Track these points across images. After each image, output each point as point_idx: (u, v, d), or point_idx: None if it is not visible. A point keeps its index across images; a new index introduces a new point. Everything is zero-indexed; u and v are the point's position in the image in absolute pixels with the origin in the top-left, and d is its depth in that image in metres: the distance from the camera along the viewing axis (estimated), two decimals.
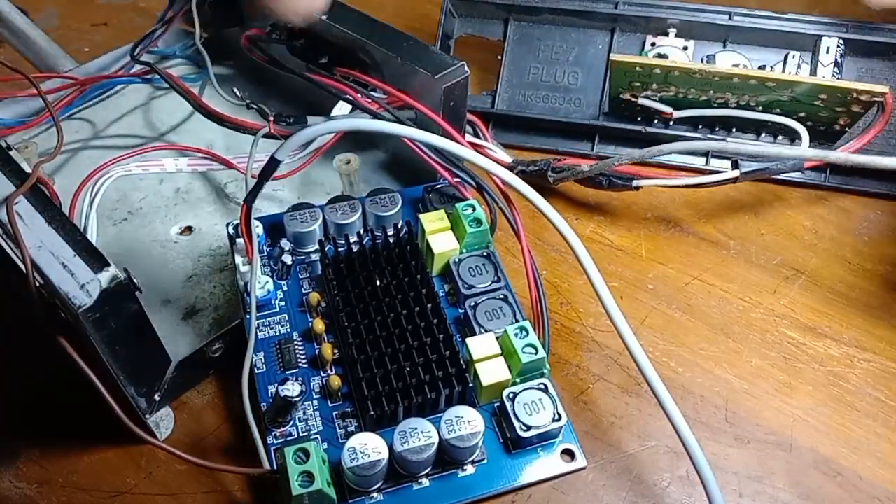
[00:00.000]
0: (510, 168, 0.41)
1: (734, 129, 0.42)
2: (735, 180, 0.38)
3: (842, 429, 0.33)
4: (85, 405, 0.29)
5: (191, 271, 0.37)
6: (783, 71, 0.41)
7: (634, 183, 0.39)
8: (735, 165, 0.38)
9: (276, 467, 0.28)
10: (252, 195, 0.31)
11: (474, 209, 0.33)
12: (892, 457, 0.32)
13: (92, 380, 0.27)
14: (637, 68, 0.39)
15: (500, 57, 0.45)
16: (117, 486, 0.31)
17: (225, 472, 0.30)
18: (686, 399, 0.34)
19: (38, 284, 0.26)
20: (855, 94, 0.37)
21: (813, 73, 0.41)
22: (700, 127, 0.43)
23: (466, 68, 0.34)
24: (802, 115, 0.40)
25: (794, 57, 0.41)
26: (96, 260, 0.26)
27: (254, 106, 0.37)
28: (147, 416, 0.31)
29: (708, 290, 0.38)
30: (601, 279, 0.30)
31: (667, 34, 0.43)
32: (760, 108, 0.40)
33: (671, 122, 0.42)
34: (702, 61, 0.43)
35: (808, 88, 0.38)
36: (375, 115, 0.36)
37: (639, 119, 0.43)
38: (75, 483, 0.31)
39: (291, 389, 0.28)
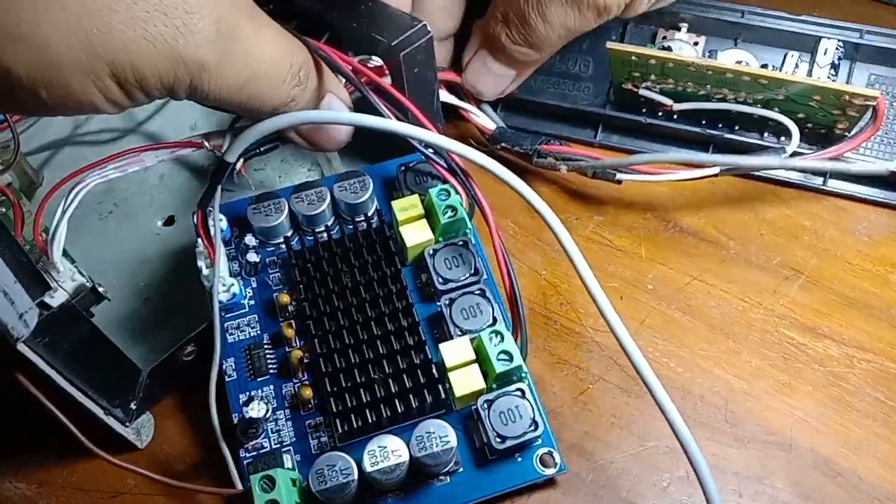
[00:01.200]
0: (493, 141, 0.41)
1: (736, 126, 0.42)
2: (715, 175, 0.39)
3: (842, 429, 0.33)
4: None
5: (170, 267, 0.36)
6: (780, 70, 0.41)
7: (617, 176, 0.39)
8: (721, 173, 0.39)
9: (247, 485, 0.27)
10: (206, 198, 0.29)
11: (448, 195, 0.31)
12: (892, 457, 0.32)
13: (54, 413, 0.27)
14: (633, 58, 0.40)
15: None
16: (116, 486, 0.31)
17: (197, 491, 0.30)
18: (686, 399, 0.34)
19: None
20: (847, 97, 0.37)
21: (809, 73, 0.41)
22: (704, 122, 0.42)
23: (429, 28, 0.31)
24: (801, 116, 0.40)
25: (792, 56, 0.41)
26: (38, 285, 0.25)
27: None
28: (126, 424, 0.30)
29: (708, 291, 0.38)
30: (591, 274, 0.29)
31: (679, 29, 0.43)
32: (759, 106, 0.40)
33: (675, 116, 0.42)
34: (705, 56, 0.43)
35: (801, 88, 0.38)
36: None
37: (643, 110, 0.43)
38: (75, 483, 0.31)
39: (257, 410, 0.28)
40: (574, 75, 0.45)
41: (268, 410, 0.28)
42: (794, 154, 0.39)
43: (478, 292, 0.30)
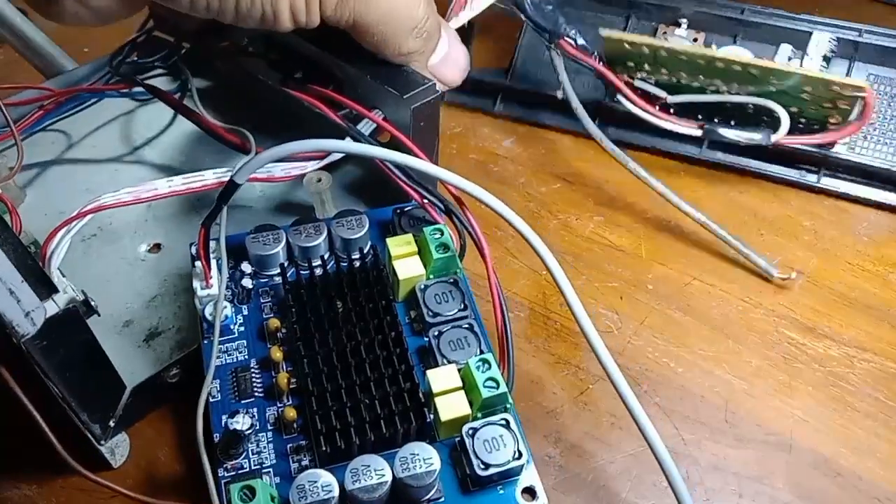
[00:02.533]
0: (517, 5, 0.41)
1: (732, 122, 0.42)
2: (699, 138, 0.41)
3: (842, 429, 0.33)
4: None
5: (156, 291, 0.36)
6: (773, 61, 0.41)
7: (618, 97, 0.41)
8: (703, 135, 0.41)
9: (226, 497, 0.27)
10: (210, 218, 0.30)
11: (442, 234, 0.32)
12: (892, 457, 0.32)
13: (34, 417, 0.27)
14: (626, 45, 0.40)
15: (518, 35, 0.46)
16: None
17: None
18: (686, 399, 0.34)
19: None
20: (837, 88, 0.37)
21: (800, 65, 0.41)
22: (699, 116, 0.43)
23: (438, 88, 0.34)
24: (794, 110, 0.40)
25: (784, 49, 0.41)
26: (44, 286, 0.25)
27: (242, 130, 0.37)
28: (102, 443, 0.30)
29: (708, 291, 0.38)
30: (556, 263, 0.29)
31: (679, 24, 0.43)
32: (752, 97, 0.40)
33: (671, 110, 0.42)
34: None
35: (792, 79, 0.38)
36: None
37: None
38: (74, 483, 0.31)
39: (241, 423, 0.27)
40: (575, 68, 0.45)
41: (252, 425, 0.28)
42: None
43: (466, 326, 0.31)
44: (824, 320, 0.37)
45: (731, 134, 0.40)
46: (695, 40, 0.43)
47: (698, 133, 0.40)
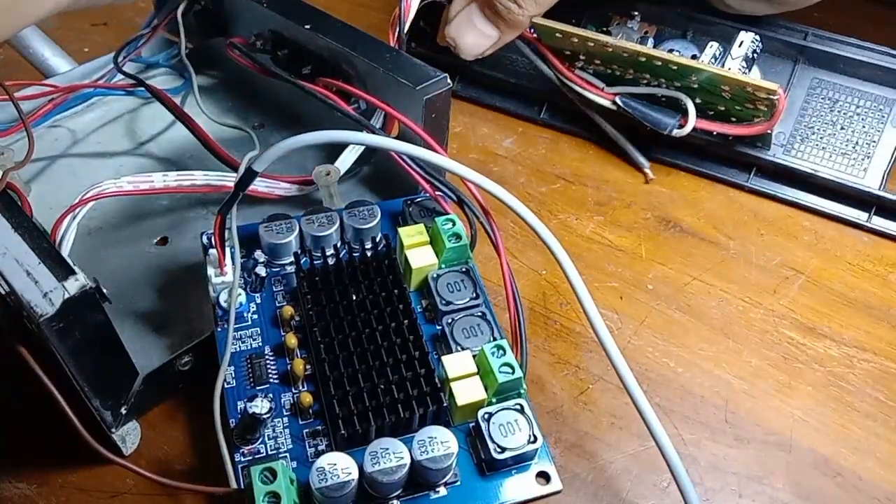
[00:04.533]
0: None
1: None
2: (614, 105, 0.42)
3: (842, 429, 0.33)
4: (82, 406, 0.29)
5: (165, 282, 0.36)
6: (699, 59, 0.41)
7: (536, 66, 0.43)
8: (618, 108, 0.42)
9: (243, 486, 0.27)
10: (227, 205, 0.30)
11: (454, 224, 0.32)
12: (892, 457, 0.32)
13: (53, 393, 0.27)
14: (557, 34, 0.40)
15: None
16: (116, 486, 0.31)
17: (188, 491, 0.30)
18: (686, 399, 0.34)
19: (2, 292, 0.25)
20: (751, 89, 0.37)
21: (721, 64, 0.40)
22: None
23: (449, 80, 0.34)
24: (722, 108, 0.40)
25: (711, 47, 0.41)
26: (61, 268, 0.26)
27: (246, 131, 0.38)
28: (113, 430, 0.30)
29: (708, 291, 0.38)
30: (570, 263, 0.29)
31: (633, 17, 0.43)
32: (681, 92, 0.40)
33: (615, 101, 0.42)
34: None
35: (708, 77, 0.38)
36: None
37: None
38: (74, 483, 0.31)
39: (260, 406, 0.28)
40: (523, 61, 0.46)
41: (270, 409, 0.28)
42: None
43: (478, 314, 0.31)
44: (824, 320, 0.37)
45: (638, 111, 0.40)
46: (646, 33, 0.43)
47: (609, 104, 0.41)
